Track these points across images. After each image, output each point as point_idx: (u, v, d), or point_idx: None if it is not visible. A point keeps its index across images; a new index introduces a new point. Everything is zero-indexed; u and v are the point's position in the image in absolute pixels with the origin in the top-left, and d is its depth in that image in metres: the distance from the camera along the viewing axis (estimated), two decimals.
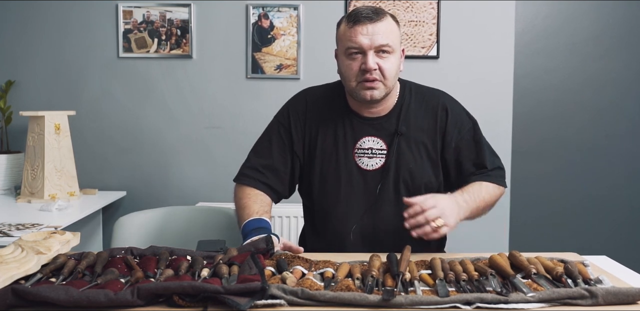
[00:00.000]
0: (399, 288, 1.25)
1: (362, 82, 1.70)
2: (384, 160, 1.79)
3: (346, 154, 1.80)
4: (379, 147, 1.80)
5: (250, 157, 1.88)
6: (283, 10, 3.13)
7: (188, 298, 1.17)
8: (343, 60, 1.73)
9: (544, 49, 3.67)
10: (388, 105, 1.81)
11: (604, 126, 3.71)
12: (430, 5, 3.12)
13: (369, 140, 1.80)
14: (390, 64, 1.70)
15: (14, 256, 1.33)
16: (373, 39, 1.67)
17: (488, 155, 1.84)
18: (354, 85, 1.72)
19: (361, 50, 1.68)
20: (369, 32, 1.67)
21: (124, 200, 3.22)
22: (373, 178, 1.80)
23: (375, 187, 1.79)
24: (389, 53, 1.70)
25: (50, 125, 2.87)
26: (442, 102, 1.85)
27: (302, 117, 1.85)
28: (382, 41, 1.67)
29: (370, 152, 1.80)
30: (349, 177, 1.80)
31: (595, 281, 1.31)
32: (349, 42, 1.69)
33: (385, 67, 1.69)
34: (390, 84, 1.73)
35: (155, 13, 3.16)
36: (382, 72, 1.69)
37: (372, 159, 1.80)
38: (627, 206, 3.74)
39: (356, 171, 1.80)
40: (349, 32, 1.69)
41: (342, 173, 1.80)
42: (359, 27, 1.67)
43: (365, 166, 1.80)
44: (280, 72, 3.16)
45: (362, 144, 1.80)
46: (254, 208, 1.73)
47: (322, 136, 1.83)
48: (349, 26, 1.70)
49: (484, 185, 1.78)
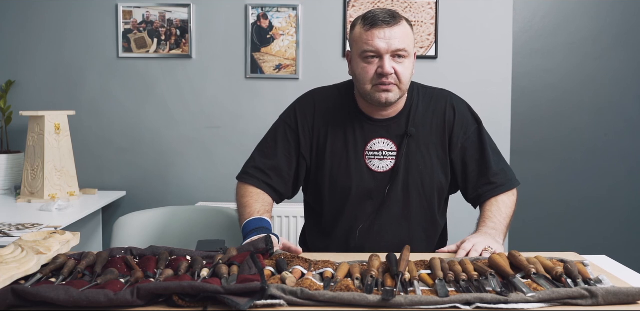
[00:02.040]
0: (398, 288, 1.25)
1: (378, 85, 1.70)
2: (394, 161, 1.80)
3: (357, 156, 1.80)
4: (389, 148, 1.80)
5: (255, 156, 1.88)
6: (282, 10, 3.13)
7: (188, 298, 1.17)
8: (358, 62, 1.72)
9: (542, 48, 3.68)
10: (398, 108, 1.81)
11: (603, 125, 3.72)
12: (429, 6, 3.12)
13: (380, 142, 1.80)
14: (405, 68, 1.70)
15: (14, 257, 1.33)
16: (390, 43, 1.66)
17: (492, 156, 1.85)
18: (369, 88, 1.72)
19: (378, 54, 1.68)
20: (386, 36, 1.66)
21: (124, 200, 3.22)
22: (383, 180, 1.80)
23: (385, 188, 1.80)
24: (405, 57, 1.70)
25: (50, 125, 2.87)
26: (450, 102, 1.85)
27: (309, 119, 1.84)
28: (399, 46, 1.67)
29: (381, 154, 1.80)
30: (360, 179, 1.80)
31: (595, 281, 1.31)
32: (366, 45, 1.68)
33: (400, 72, 1.69)
34: (404, 88, 1.73)
35: (154, 13, 3.16)
36: (398, 76, 1.69)
37: (382, 161, 1.80)
38: (627, 206, 3.74)
39: (367, 173, 1.80)
40: (366, 36, 1.68)
41: (353, 176, 1.80)
42: (377, 31, 1.67)
43: (376, 168, 1.80)
44: (280, 72, 3.16)
45: (373, 146, 1.80)
46: (255, 208, 1.73)
47: (331, 138, 1.82)
48: (365, 29, 1.69)
49: (499, 200, 1.81)
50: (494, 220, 1.75)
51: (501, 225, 1.74)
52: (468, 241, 1.62)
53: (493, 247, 1.59)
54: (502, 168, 1.86)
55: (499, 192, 1.82)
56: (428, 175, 1.81)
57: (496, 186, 1.83)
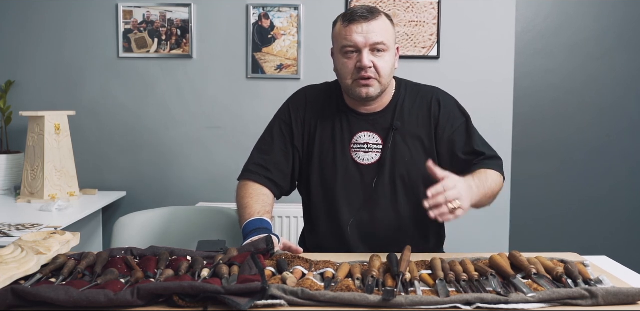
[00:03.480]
0: (399, 289, 1.25)
1: (358, 79, 1.74)
2: (379, 154, 1.82)
3: (343, 149, 1.84)
4: (375, 141, 1.83)
5: (254, 154, 1.91)
6: (283, 10, 3.13)
7: (188, 299, 1.17)
8: (339, 58, 1.77)
9: (545, 49, 3.67)
10: (384, 102, 1.84)
11: (605, 126, 3.71)
12: (431, 6, 3.11)
13: (365, 135, 1.83)
14: (384, 62, 1.73)
15: (14, 257, 1.33)
16: (368, 37, 1.70)
17: (481, 146, 1.83)
18: (349, 83, 1.76)
19: (356, 49, 1.72)
20: (363, 31, 1.70)
21: (124, 200, 3.22)
22: (369, 173, 1.82)
23: (372, 181, 1.82)
24: (384, 51, 1.73)
25: (50, 125, 2.86)
26: (436, 97, 1.87)
27: (302, 112, 1.89)
28: (377, 39, 1.70)
29: (366, 147, 1.83)
30: (346, 171, 1.83)
31: (595, 281, 1.31)
32: (344, 40, 1.72)
33: (380, 65, 1.72)
34: (385, 82, 1.76)
35: (155, 13, 3.16)
36: (377, 70, 1.73)
37: (368, 154, 1.83)
38: (628, 206, 3.74)
39: (353, 165, 1.83)
40: (344, 31, 1.73)
41: (339, 168, 1.83)
42: (354, 26, 1.71)
43: (361, 160, 1.83)
44: (281, 72, 3.16)
45: (358, 139, 1.84)
46: (255, 208, 1.74)
47: (320, 131, 1.86)
48: (344, 25, 1.73)
49: (489, 172, 1.75)
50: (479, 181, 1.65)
51: (483, 189, 1.65)
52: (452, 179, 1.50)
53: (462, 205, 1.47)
54: (493, 155, 1.83)
55: (489, 167, 1.77)
56: (414, 167, 1.81)
57: (486, 162, 1.78)
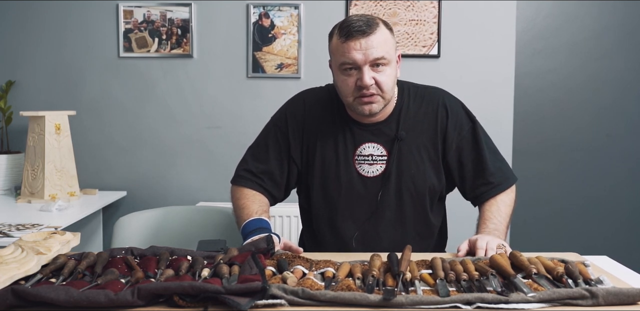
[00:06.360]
0: (399, 288, 1.25)
1: (360, 97, 1.66)
2: (384, 166, 1.77)
3: (346, 161, 1.77)
4: (379, 153, 1.77)
5: (247, 158, 1.86)
6: (284, 9, 3.13)
7: (188, 299, 1.17)
8: (338, 75, 1.69)
9: (545, 48, 3.67)
10: (387, 111, 1.78)
11: (605, 126, 3.71)
12: (431, 4, 3.11)
13: (369, 146, 1.77)
14: (386, 76, 1.66)
15: (14, 257, 1.33)
16: (367, 53, 1.61)
17: (489, 155, 1.82)
18: (351, 100, 1.69)
19: (355, 66, 1.63)
20: (362, 47, 1.61)
21: (124, 200, 3.22)
22: (374, 185, 1.77)
23: (377, 193, 1.77)
24: (385, 65, 1.64)
25: (51, 125, 2.86)
26: (442, 102, 1.81)
27: (300, 122, 1.82)
28: (377, 54, 1.62)
29: (371, 159, 1.77)
30: (350, 184, 1.77)
31: (595, 281, 1.31)
32: (343, 57, 1.64)
33: (381, 80, 1.65)
34: (388, 96, 1.69)
35: (155, 12, 3.16)
36: (379, 85, 1.65)
37: (372, 166, 1.77)
38: (628, 206, 3.74)
39: (357, 178, 1.77)
40: (342, 48, 1.63)
41: (342, 181, 1.77)
42: (352, 42, 1.61)
43: (366, 173, 1.77)
44: (281, 71, 3.16)
45: (362, 151, 1.78)
46: (253, 208, 1.72)
47: (321, 142, 1.79)
48: (341, 41, 1.63)
49: (498, 200, 1.78)
50: (494, 220, 1.72)
51: (501, 225, 1.72)
52: (480, 239, 1.57)
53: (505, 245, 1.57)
54: (498, 166, 1.83)
55: (497, 192, 1.80)
56: (420, 178, 1.77)
57: (494, 186, 1.80)
